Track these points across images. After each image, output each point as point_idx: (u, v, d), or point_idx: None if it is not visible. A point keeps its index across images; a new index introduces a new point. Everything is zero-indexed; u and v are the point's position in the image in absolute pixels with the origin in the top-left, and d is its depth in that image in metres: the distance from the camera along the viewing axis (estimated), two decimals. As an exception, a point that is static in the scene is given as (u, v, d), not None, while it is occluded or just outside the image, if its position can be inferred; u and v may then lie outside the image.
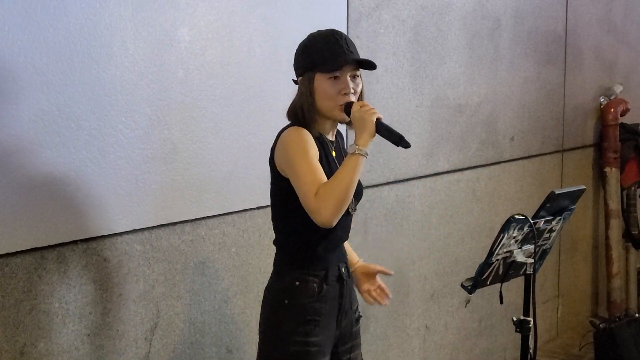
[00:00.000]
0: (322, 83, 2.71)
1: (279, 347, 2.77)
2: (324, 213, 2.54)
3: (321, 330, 2.78)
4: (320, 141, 2.75)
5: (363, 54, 4.00)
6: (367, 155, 2.62)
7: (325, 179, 2.61)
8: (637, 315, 5.50)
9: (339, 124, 2.87)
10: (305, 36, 2.80)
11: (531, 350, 3.09)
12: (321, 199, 2.54)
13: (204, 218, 3.32)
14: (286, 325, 2.75)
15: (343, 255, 2.93)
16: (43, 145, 2.76)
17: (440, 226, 4.70)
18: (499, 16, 4.96)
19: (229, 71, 3.35)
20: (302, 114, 2.73)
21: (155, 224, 3.14)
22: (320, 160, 2.69)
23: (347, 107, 2.72)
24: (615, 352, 5.15)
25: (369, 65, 2.76)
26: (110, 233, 2.99)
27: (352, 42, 2.78)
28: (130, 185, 3.04)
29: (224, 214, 3.40)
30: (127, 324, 3.08)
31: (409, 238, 4.47)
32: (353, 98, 2.73)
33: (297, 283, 2.76)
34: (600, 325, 5.31)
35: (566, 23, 5.68)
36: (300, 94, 2.76)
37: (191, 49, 3.21)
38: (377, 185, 4.19)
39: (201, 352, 3.36)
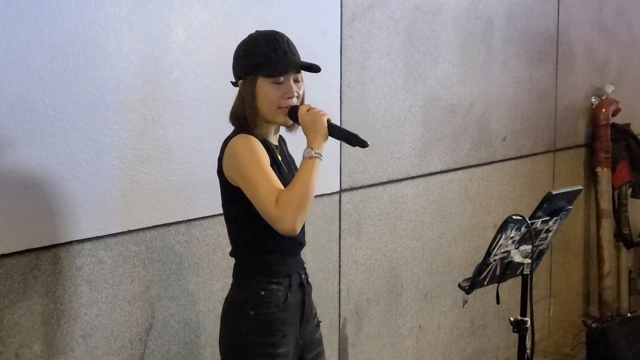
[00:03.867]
0: (264, 87, 2.66)
1: None
2: (287, 221, 2.50)
3: (287, 340, 2.72)
4: (267, 146, 2.70)
5: (356, 55, 4.02)
6: (322, 157, 2.59)
7: (281, 185, 2.57)
8: (628, 314, 5.52)
9: (281, 128, 2.84)
10: (285, 36, 2.74)
11: (528, 351, 3.09)
12: (282, 207, 2.50)
13: (198, 219, 3.31)
14: (251, 338, 2.67)
15: (302, 261, 2.86)
16: (38, 146, 2.75)
17: (433, 226, 4.71)
18: (491, 16, 4.97)
19: (223, 71, 3.33)
20: (244, 118, 2.69)
21: (150, 225, 3.13)
22: (270, 166, 2.64)
23: (292, 111, 2.68)
24: (607, 351, 5.17)
25: (314, 69, 2.69)
26: (105, 234, 2.98)
27: (293, 44, 2.72)
28: (125, 185, 3.03)
29: (218, 215, 3.36)
30: (122, 325, 3.08)
31: (402, 238, 4.48)
32: (296, 102, 2.69)
33: (263, 292, 2.68)
34: (593, 325, 5.33)
35: (558, 23, 5.70)
36: (241, 98, 2.71)
37: (186, 49, 3.20)
38: (370, 186, 4.19)
39: (196, 353, 3.36)
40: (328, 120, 2.64)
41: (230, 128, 3.34)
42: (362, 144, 2.65)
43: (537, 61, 5.50)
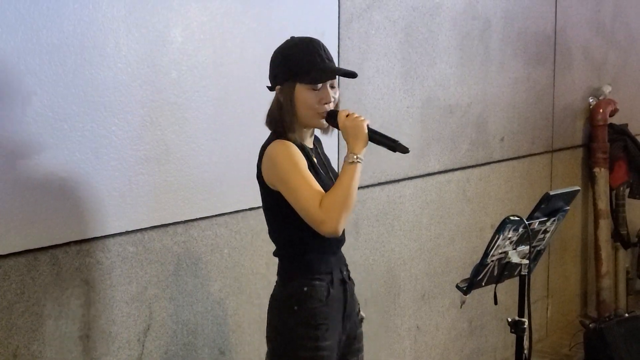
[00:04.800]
0: (302, 93, 2.71)
1: (289, 354, 2.77)
2: (331, 224, 2.58)
3: (330, 334, 2.78)
4: (303, 150, 2.75)
5: (354, 55, 4.02)
6: (363, 162, 2.66)
7: (321, 189, 2.64)
8: (626, 315, 5.51)
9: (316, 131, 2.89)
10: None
11: (526, 351, 3.09)
12: (326, 210, 2.57)
13: (196, 219, 3.32)
14: (296, 331, 2.75)
15: (343, 258, 2.94)
16: (36, 147, 2.75)
17: (431, 226, 4.71)
18: (489, 17, 4.97)
19: (221, 72, 3.35)
20: (282, 123, 2.73)
21: (148, 226, 3.14)
22: (308, 169, 2.70)
23: (331, 116, 2.73)
24: (605, 352, 5.17)
25: (351, 75, 2.78)
26: (103, 235, 2.98)
27: (328, 50, 2.77)
28: (123, 186, 3.03)
29: (216, 215, 3.40)
30: (120, 326, 3.08)
31: (400, 238, 4.48)
32: (332, 106, 2.75)
33: (305, 289, 2.75)
34: (590, 325, 5.33)
35: (555, 24, 5.70)
36: (279, 103, 2.76)
37: (184, 50, 3.20)
38: (368, 186, 4.19)
39: (194, 354, 3.36)
40: (367, 126, 2.70)
41: (224, 129, 3.36)
42: (404, 150, 2.73)
43: (534, 62, 5.50)
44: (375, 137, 2.72)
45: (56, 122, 2.79)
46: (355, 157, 2.65)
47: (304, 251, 2.77)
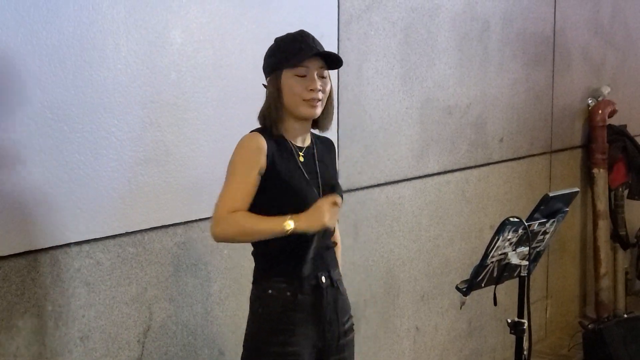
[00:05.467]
0: (288, 80, 2.70)
1: (255, 359, 2.75)
2: (217, 232, 2.62)
3: (298, 339, 2.72)
4: (279, 143, 2.72)
5: (354, 56, 4.03)
6: (290, 229, 2.59)
7: (244, 203, 2.62)
8: (625, 315, 5.53)
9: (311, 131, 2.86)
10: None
11: (525, 352, 3.09)
12: (227, 222, 2.60)
13: (196, 220, 3.32)
14: (261, 335, 2.73)
15: (326, 264, 2.83)
16: (36, 148, 2.75)
17: (430, 227, 4.71)
18: (487, 18, 4.98)
19: (221, 73, 3.35)
20: (268, 113, 2.73)
21: (148, 227, 3.14)
22: (281, 163, 2.69)
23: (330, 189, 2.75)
24: (604, 352, 5.18)
25: (335, 61, 2.75)
26: (103, 236, 2.98)
27: (319, 42, 2.76)
28: (123, 187, 3.03)
29: (216, 216, 3.40)
30: (120, 327, 3.08)
31: (399, 239, 4.48)
32: (321, 96, 2.72)
33: (270, 291, 2.72)
34: (589, 326, 5.34)
35: (554, 25, 5.71)
36: (268, 93, 2.76)
37: (184, 51, 3.20)
38: (367, 187, 4.19)
39: (194, 355, 3.36)
40: (327, 228, 2.65)
41: (223, 130, 3.36)
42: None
43: (533, 63, 5.51)
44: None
45: (55, 123, 2.80)
46: (293, 225, 2.57)
47: (276, 252, 2.71)
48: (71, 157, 2.85)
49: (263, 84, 2.82)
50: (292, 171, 2.72)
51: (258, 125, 2.81)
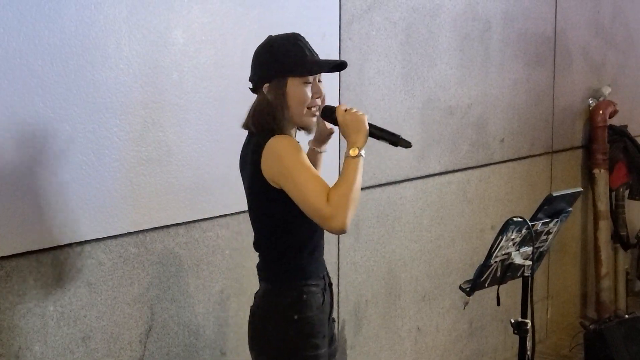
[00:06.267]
0: (295, 87, 2.63)
1: None
2: (340, 219, 2.48)
3: (325, 340, 2.76)
4: None
5: (355, 56, 4.02)
6: (364, 156, 2.59)
7: (327, 184, 2.55)
8: (626, 316, 5.52)
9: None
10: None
11: (529, 352, 3.09)
12: (335, 205, 2.48)
13: (198, 220, 3.31)
14: (296, 342, 2.68)
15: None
16: (38, 148, 2.74)
17: (432, 228, 4.71)
18: (489, 18, 4.97)
19: (223, 73, 3.35)
20: (273, 120, 2.64)
21: (150, 227, 3.13)
22: None
23: (327, 112, 2.69)
24: (605, 353, 5.17)
25: (341, 66, 2.76)
26: (105, 236, 2.98)
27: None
28: (124, 187, 3.03)
29: (217, 217, 3.39)
30: (122, 327, 3.07)
31: (401, 240, 4.48)
32: (320, 102, 2.71)
33: (305, 297, 2.69)
34: (591, 327, 5.33)
35: (555, 25, 5.71)
36: (266, 101, 2.66)
37: (185, 51, 3.20)
38: (368, 187, 4.19)
39: (195, 355, 3.36)
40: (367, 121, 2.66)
41: (225, 130, 3.35)
42: (406, 144, 2.66)
43: (534, 63, 5.51)
44: (376, 132, 2.67)
45: (58, 123, 2.79)
46: (357, 151, 2.57)
47: (300, 255, 2.71)
48: (73, 157, 2.85)
49: (250, 88, 2.74)
50: None
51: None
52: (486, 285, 3.20)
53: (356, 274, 4.18)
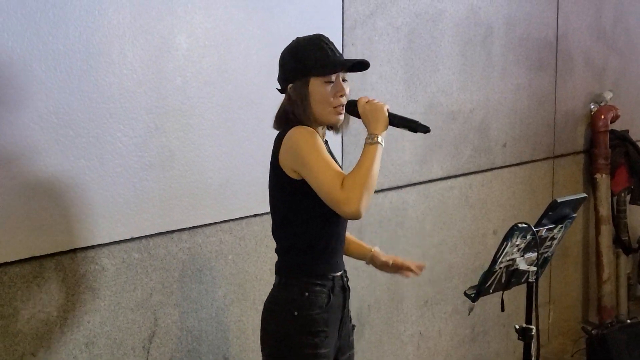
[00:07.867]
0: (317, 87, 2.69)
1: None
2: (354, 203, 2.50)
3: (329, 341, 2.76)
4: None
5: (358, 61, 4.02)
6: (383, 145, 2.63)
7: (342, 170, 2.61)
8: (628, 321, 5.51)
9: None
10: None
11: (534, 358, 3.08)
12: (349, 189, 2.51)
13: (201, 226, 3.31)
14: (296, 338, 2.72)
15: (343, 264, 2.91)
16: (41, 153, 2.75)
17: (434, 233, 4.70)
18: (491, 23, 4.97)
19: (226, 78, 3.35)
20: (296, 119, 2.69)
21: (153, 232, 3.14)
22: None
23: (350, 105, 2.74)
24: (607, 358, 5.16)
25: (365, 66, 2.77)
26: (108, 241, 2.98)
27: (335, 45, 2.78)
28: (128, 193, 3.03)
29: (221, 222, 3.40)
30: (125, 333, 3.07)
31: (403, 245, 4.47)
32: (344, 100, 2.73)
33: (307, 294, 2.72)
34: (593, 332, 5.32)
35: (557, 30, 5.71)
36: (291, 100, 2.72)
37: (189, 57, 3.20)
38: (371, 192, 4.18)
39: (198, 361, 3.36)
40: (387, 109, 2.69)
41: (228, 135, 3.35)
42: (425, 129, 2.71)
43: (536, 68, 5.50)
44: (395, 120, 2.71)
45: (61, 128, 2.79)
46: (375, 137, 2.62)
47: (308, 252, 2.74)
48: (76, 162, 2.85)
49: (278, 89, 2.79)
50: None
51: (264, 130, 2.80)
52: (491, 291, 3.20)
53: (359, 279, 4.17)
